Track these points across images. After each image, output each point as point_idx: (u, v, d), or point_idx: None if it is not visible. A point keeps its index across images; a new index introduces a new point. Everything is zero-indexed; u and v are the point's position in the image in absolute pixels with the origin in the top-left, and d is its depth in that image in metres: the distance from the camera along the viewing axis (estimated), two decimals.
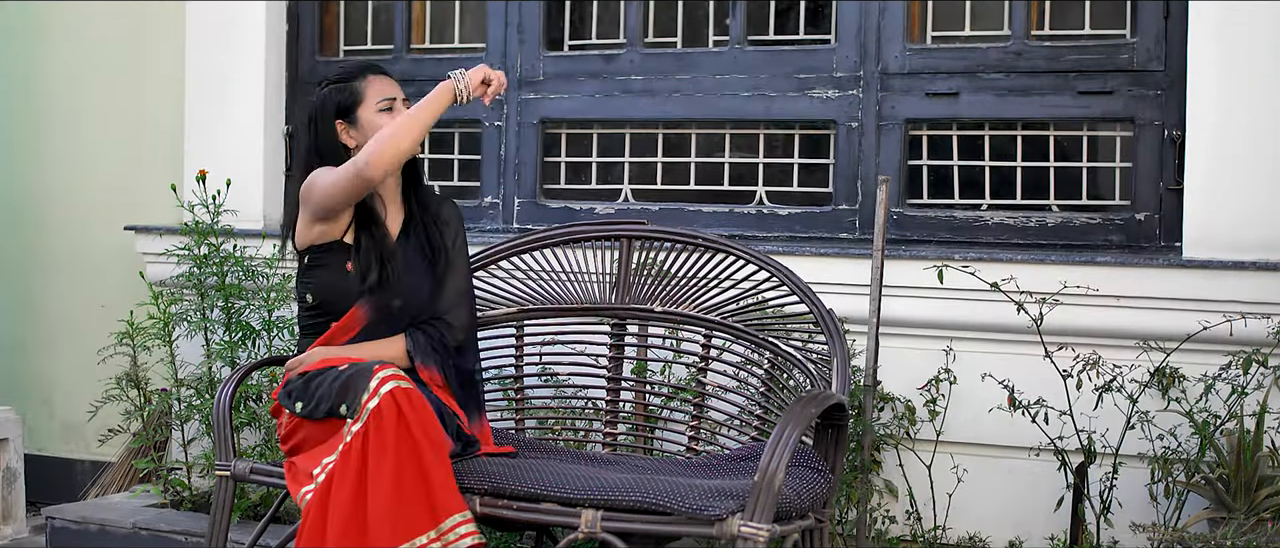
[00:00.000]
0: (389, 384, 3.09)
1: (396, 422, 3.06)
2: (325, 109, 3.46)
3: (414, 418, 3.08)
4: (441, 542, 3.07)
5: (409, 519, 3.04)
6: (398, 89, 3.49)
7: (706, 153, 4.70)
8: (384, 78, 3.49)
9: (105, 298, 5.23)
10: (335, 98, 3.46)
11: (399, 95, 3.48)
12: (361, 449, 3.06)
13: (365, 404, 3.08)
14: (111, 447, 5.05)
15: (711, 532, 2.97)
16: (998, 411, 4.02)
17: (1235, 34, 3.92)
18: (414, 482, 3.06)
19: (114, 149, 5.29)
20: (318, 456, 3.19)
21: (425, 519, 3.06)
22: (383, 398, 3.07)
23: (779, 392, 3.66)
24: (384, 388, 3.08)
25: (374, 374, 3.11)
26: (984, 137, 4.38)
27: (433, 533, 3.06)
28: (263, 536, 3.54)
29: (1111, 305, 3.99)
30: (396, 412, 3.07)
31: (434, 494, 3.07)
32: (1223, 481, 3.74)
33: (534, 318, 3.92)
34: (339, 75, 3.50)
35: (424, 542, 3.05)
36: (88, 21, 5.31)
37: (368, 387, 3.09)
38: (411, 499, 3.05)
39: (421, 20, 5.11)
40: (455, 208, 3.58)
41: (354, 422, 3.09)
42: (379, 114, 3.42)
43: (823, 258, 4.26)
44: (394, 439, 3.05)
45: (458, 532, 3.08)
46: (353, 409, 3.10)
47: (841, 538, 4.09)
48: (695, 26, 4.76)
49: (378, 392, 3.08)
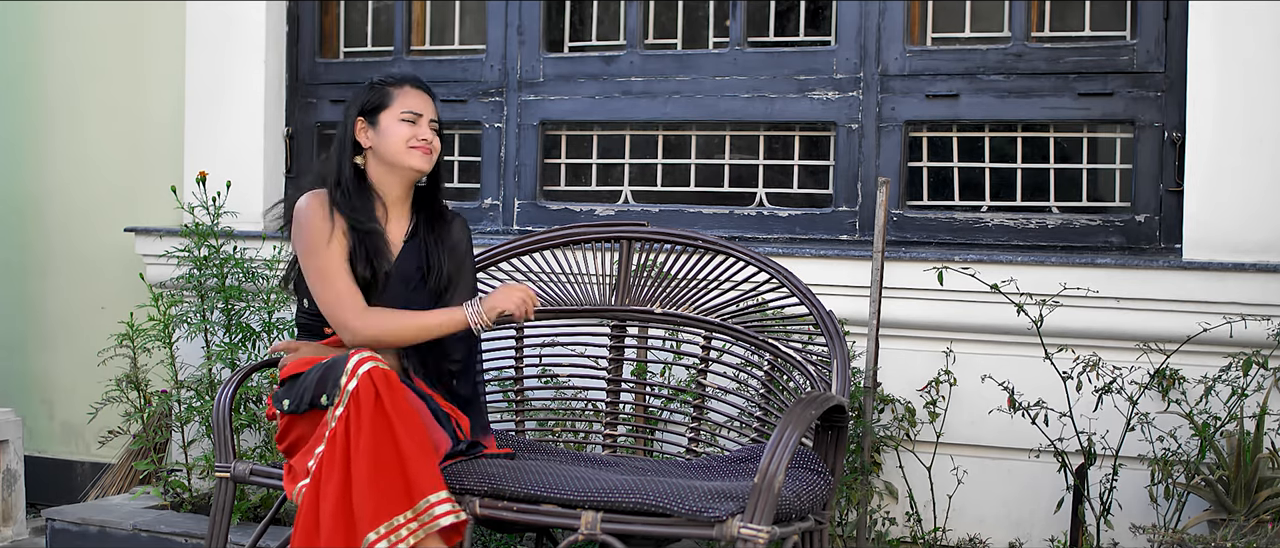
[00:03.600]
0: (366, 366, 3.11)
1: (374, 402, 3.08)
2: (355, 102, 3.48)
3: (389, 398, 3.09)
4: (418, 522, 3.06)
5: (386, 500, 3.05)
6: (432, 107, 3.47)
7: (706, 154, 4.70)
8: (420, 93, 3.47)
9: (105, 299, 5.23)
10: (367, 95, 3.47)
11: (429, 114, 3.45)
12: (345, 434, 3.09)
13: (344, 387, 3.11)
14: (111, 448, 5.05)
15: (711, 534, 2.97)
16: (998, 412, 4.02)
17: (1235, 36, 3.92)
18: (390, 461, 3.06)
19: (114, 150, 5.29)
20: (311, 450, 3.20)
21: (401, 500, 3.06)
22: (360, 379, 3.09)
23: (779, 393, 3.66)
24: (361, 368, 3.10)
25: (350, 358, 3.14)
26: (984, 138, 4.38)
27: (409, 513, 3.06)
28: (263, 537, 3.54)
29: (1111, 307, 3.99)
30: (374, 392, 3.09)
31: (409, 474, 3.07)
32: (1223, 482, 3.74)
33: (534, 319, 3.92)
34: (383, 77, 3.52)
35: (401, 521, 3.05)
36: (87, 22, 5.31)
37: (346, 369, 3.12)
38: (388, 479, 3.06)
39: (421, 21, 5.11)
40: (466, 230, 3.56)
41: (335, 407, 3.11)
42: (400, 123, 3.42)
43: (823, 260, 4.26)
44: (371, 419, 3.07)
45: (433, 512, 3.07)
46: (332, 396, 3.13)
47: (841, 540, 4.09)
48: (695, 28, 4.76)
49: (355, 373, 3.10)
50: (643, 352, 3.92)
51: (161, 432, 4.82)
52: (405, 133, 3.41)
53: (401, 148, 3.41)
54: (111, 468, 5.05)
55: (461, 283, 3.49)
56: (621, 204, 4.74)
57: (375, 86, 3.48)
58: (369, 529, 3.03)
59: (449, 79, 4.91)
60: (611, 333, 3.88)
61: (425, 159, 3.43)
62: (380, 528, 3.04)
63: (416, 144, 3.41)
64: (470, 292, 3.51)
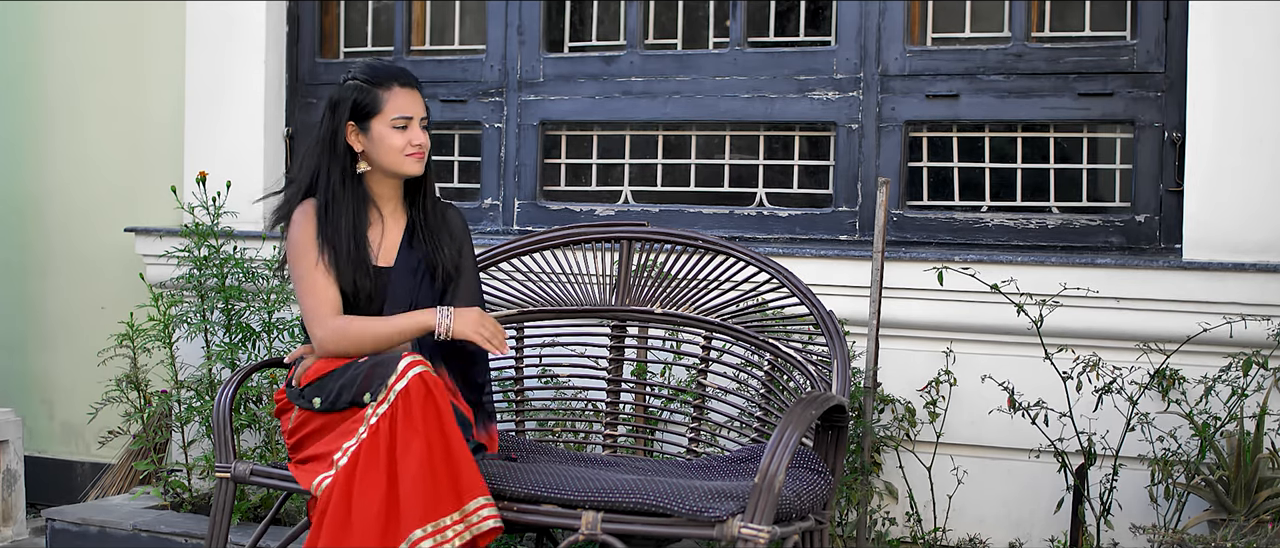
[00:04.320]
0: (417, 368, 3.13)
1: (424, 402, 3.09)
2: (343, 103, 3.40)
3: (442, 401, 3.12)
4: (465, 523, 3.09)
5: (437, 499, 3.07)
6: (421, 105, 3.41)
7: (706, 154, 4.70)
8: (410, 91, 3.40)
9: (105, 299, 5.23)
10: (356, 97, 3.38)
11: (419, 114, 3.40)
12: (389, 431, 3.09)
13: (392, 385, 3.11)
14: (111, 449, 5.05)
15: (712, 533, 2.97)
16: (998, 412, 4.02)
17: (1235, 36, 3.92)
18: (443, 461, 3.09)
19: (114, 150, 5.28)
20: (336, 441, 3.19)
21: (450, 500, 3.08)
22: (411, 380, 3.11)
23: (779, 393, 3.66)
24: (412, 371, 3.12)
25: (401, 359, 3.15)
26: (984, 138, 4.38)
27: (457, 515, 3.09)
28: (263, 537, 3.54)
29: (1111, 307, 3.99)
30: (425, 392, 3.10)
31: (459, 475, 3.10)
32: (1223, 482, 3.74)
33: (534, 320, 3.92)
34: (368, 74, 3.41)
35: (449, 522, 3.08)
36: (87, 22, 5.31)
37: (396, 370, 3.13)
38: (440, 479, 3.08)
39: (421, 22, 5.11)
40: (461, 217, 3.53)
41: (379, 404, 3.12)
42: (393, 130, 3.37)
43: (823, 260, 4.26)
44: (422, 419, 3.08)
45: (480, 515, 3.10)
46: (377, 394, 3.14)
47: (841, 540, 4.09)
48: (695, 28, 4.76)
49: (406, 374, 3.12)
50: (643, 352, 3.92)
51: (161, 432, 4.82)
52: (400, 142, 3.37)
53: (398, 157, 3.38)
54: (111, 468, 5.05)
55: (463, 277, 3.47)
56: (621, 204, 4.74)
57: (364, 87, 3.39)
58: (416, 526, 3.05)
59: (449, 79, 4.91)
60: (611, 333, 3.88)
61: (420, 163, 3.41)
62: (427, 527, 3.05)
63: (412, 151, 3.38)
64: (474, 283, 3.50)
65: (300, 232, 3.38)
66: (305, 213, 3.40)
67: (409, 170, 3.40)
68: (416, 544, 3.04)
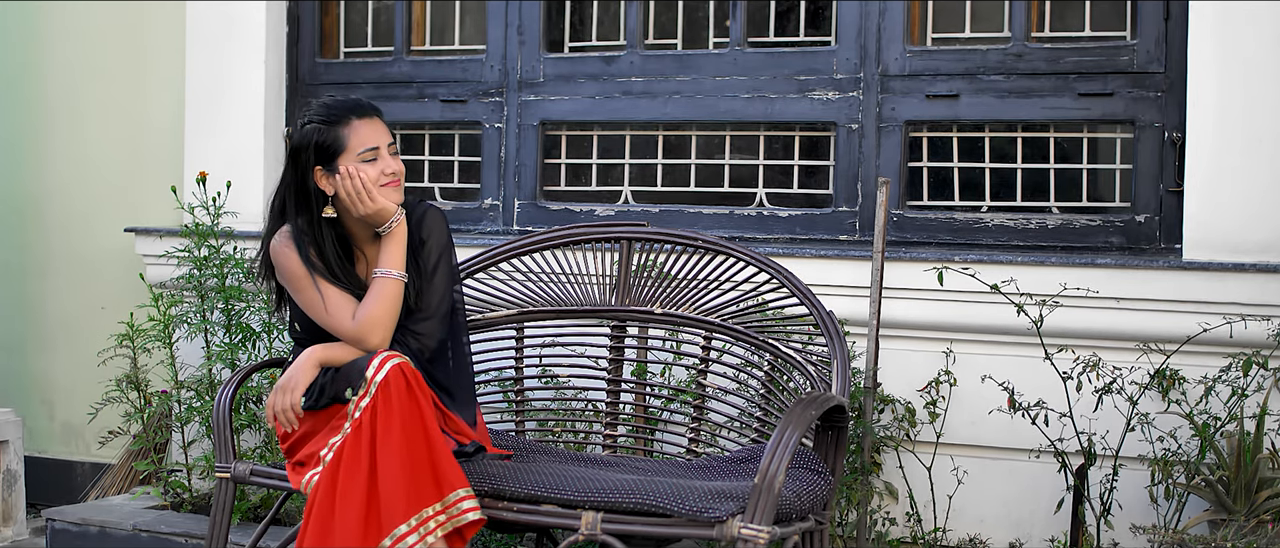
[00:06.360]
0: (394, 360, 3.12)
1: (405, 392, 3.09)
2: (305, 148, 3.31)
3: (420, 392, 3.11)
4: (447, 514, 3.09)
5: (418, 491, 3.07)
6: (384, 132, 3.32)
7: (706, 154, 4.70)
8: (370, 121, 3.31)
9: (105, 300, 5.23)
10: (317, 138, 3.29)
11: (385, 142, 3.31)
12: (371, 424, 3.09)
13: (371, 378, 3.10)
14: (111, 449, 5.05)
15: (712, 534, 2.97)
16: (998, 412, 4.02)
17: (1235, 35, 3.92)
18: (422, 452, 3.08)
19: (114, 150, 5.28)
20: (323, 439, 3.21)
21: (431, 491, 3.08)
22: (390, 371, 3.10)
23: (779, 394, 3.66)
24: (390, 362, 3.11)
25: (377, 353, 3.15)
26: (984, 138, 4.38)
27: (439, 505, 3.09)
28: (263, 537, 3.54)
29: (1111, 307, 3.99)
30: (404, 383, 3.10)
31: (439, 466, 3.09)
32: (1223, 483, 3.74)
33: (534, 320, 3.92)
34: (324, 114, 3.31)
35: (431, 513, 3.07)
36: (87, 22, 5.31)
37: (373, 363, 3.12)
38: (420, 470, 3.08)
39: (421, 22, 5.11)
40: (438, 218, 3.40)
41: (361, 398, 3.11)
42: (363, 163, 3.28)
43: (823, 260, 4.26)
44: (401, 410, 3.08)
45: (460, 506, 3.10)
46: (357, 388, 3.14)
47: (841, 540, 4.09)
48: (695, 28, 4.76)
49: (384, 366, 3.11)
50: (643, 352, 3.92)
51: (161, 432, 4.82)
52: (373, 173, 3.28)
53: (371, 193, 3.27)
54: (111, 468, 5.05)
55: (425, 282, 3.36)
56: (621, 204, 4.74)
57: (322, 128, 3.29)
58: (401, 520, 3.05)
59: (449, 79, 4.91)
60: (611, 333, 3.88)
61: (398, 191, 3.33)
62: (411, 521, 3.05)
63: (386, 180, 3.30)
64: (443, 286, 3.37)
65: (287, 259, 3.34)
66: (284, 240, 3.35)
67: (389, 201, 3.30)
68: (402, 538, 3.04)
